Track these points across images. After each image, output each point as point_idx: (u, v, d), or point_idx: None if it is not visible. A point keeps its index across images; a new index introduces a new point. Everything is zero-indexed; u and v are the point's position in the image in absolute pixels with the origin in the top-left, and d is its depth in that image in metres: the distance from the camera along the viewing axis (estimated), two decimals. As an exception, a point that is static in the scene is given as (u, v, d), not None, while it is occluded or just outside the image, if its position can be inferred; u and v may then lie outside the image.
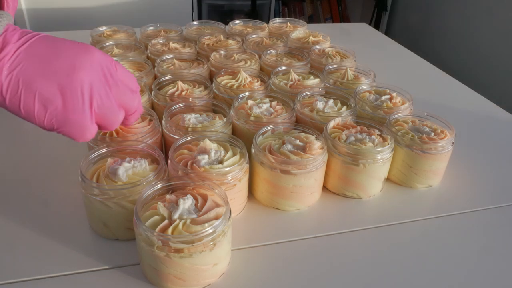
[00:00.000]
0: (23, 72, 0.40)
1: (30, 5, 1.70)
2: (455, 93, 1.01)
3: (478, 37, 2.01)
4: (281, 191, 0.58)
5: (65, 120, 0.43)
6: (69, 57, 0.43)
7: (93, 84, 0.43)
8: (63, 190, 0.61)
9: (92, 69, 0.43)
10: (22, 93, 0.40)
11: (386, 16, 2.62)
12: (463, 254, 0.54)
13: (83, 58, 0.43)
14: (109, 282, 0.48)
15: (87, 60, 0.43)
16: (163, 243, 0.43)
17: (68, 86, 0.42)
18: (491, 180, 0.69)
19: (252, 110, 0.68)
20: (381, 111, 0.71)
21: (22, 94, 0.40)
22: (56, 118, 0.42)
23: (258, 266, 0.51)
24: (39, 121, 0.42)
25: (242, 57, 0.90)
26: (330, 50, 0.95)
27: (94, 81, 0.43)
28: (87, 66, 0.43)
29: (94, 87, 0.43)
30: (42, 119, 0.42)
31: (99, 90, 0.44)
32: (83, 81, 0.42)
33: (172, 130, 0.62)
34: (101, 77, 0.44)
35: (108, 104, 0.45)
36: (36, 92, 0.41)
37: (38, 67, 0.41)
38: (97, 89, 0.44)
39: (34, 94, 0.41)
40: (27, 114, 0.42)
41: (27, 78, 0.40)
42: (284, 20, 1.17)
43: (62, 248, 0.51)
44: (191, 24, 1.10)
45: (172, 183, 0.51)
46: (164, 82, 0.77)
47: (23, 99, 0.41)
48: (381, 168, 0.61)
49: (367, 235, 0.57)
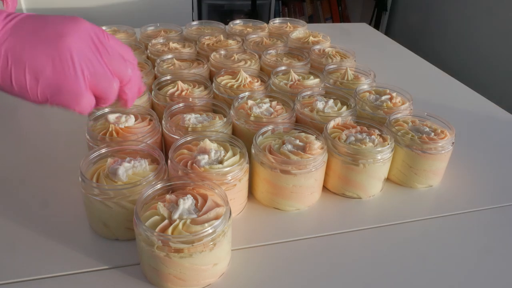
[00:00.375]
0: (10, 47, 0.40)
1: (30, 5, 1.70)
2: (455, 93, 1.01)
3: (478, 37, 2.01)
4: (281, 191, 0.58)
5: (58, 88, 0.42)
6: (55, 27, 0.43)
7: (82, 51, 0.43)
8: (63, 190, 0.61)
9: (80, 37, 0.43)
10: (12, 68, 0.41)
11: (386, 16, 2.62)
12: (463, 254, 0.54)
13: (69, 26, 0.43)
14: (109, 282, 0.48)
15: (74, 28, 0.43)
16: (163, 243, 0.43)
17: (56, 53, 0.42)
18: (491, 180, 0.69)
19: (252, 110, 0.68)
20: (381, 111, 0.71)
21: (12, 68, 0.41)
22: (48, 87, 0.42)
23: (258, 266, 0.51)
24: (32, 94, 0.42)
25: (242, 57, 0.90)
26: (330, 50, 0.95)
27: (83, 48, 0.43)
28: (74, 34, 0.43)
29: (83, 53, 0.43)
30: (35, 91, 0.42)
31: (89, 57, 0.43)
32: (71, 48, 0.42)
33: (172, 130, 0.62)
34: (90, 44, 0.44)
35: (100, 71, 0.44)
36: (25, 64, 0.41)
37: (25, 40, 0.41)
38: (86, 55, 0.43)
39: (23, 66, 0.41)
40: (19, 89, 0.41)
41: (15, 51, 0.41)
42: (284, 20, 1.17)
43: (62, 248, 0.51)
44: (191, 24, 1.10)
45: (172, 183, 0.51)
46: (164, 82, 0.77)
47: (13, 73, 0.41)
48: (381, 168, 0.61)
49: (367, 235, 0.57)
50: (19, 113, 0.81)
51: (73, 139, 0.72)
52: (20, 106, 0.82)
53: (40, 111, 0.81)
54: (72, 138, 0.72)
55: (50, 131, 0.76)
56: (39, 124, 0.78)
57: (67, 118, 0.78)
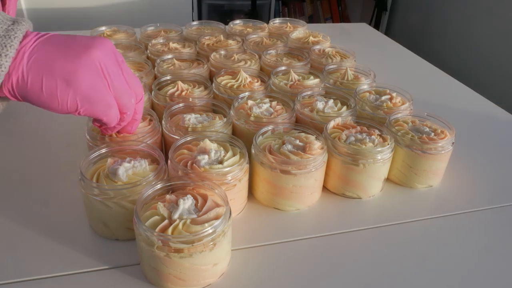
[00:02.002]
0: (43, 55, 0.42)
1: (30, 5, 1.70)
2: (455, 93, 1.01)
3: (478, 37, 2.01)
4: (281, 191, 0.58)
5: (88, 96, 0.44)
6: (84, 40, 0.45)
7: (108, 63, 0.45)
8: (63, 190, 0.61)
9: (106, 50, 0.46)
10: (43, 75, 0.42)
11: (386, 16, 2.62)
12: (463, 254, 0.54)
13: (96, 41, 0.46)
14: (109, 282, 0.48)
15: (101, 43, 0.46)
16: (163, 243, 0.43)
17: (87, 62, 0.44)
18: (491, 180, 0.69)
19: (252, 110, 0.68)
20: (381, 111, 0.71)
21: (43, 75, 0.42)
22: (79, 95, 0.44)
23: (258, 266, 0.51)
24: (63, 101, 0.43)
25: (242, 57, 0.90)
26: (330, 50, 0.95)
27: (109, 61, 0.46)
28: (101, 47, 0.45)
29: (109, 66, 0.45)
30: (65, 98, 0.43)
31: (114, 70, 0.46)
32: (100, 58, 0.44)
33: (172, 130, 0.62)
34: (113, 59, 0.47)
35: (123, 84, 0.48)
36: (57, 72, 0.42)
37: (57, 50, 0.43)
38: (112, 68, 0.46)
39: (55, 74, 0.42)
40: (49, 96, 0.43)
41: (47, 60, 0.42)
42: (284, 20, 1.17)
43: (62, 248, 0.51)
44: (191, 24, 1.10)
45: (172, 183, 0.51)
46: (164, 82, 0.77)
47: (45, 80, 0.42)
48: (381, 168, 0.61)
49: (367, 235, 0.57)
50: (19, 113, 0.81)
51: (73, 139, 0.72)
52: (20, 107, 0.82)
53: (40, 111, 0.81)
54: (72, 138, 0.72)
55: (50, 131, 0.76)
56: (39, 124, 0.78)
57: (67, 118, 0.78)
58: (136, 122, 0.54)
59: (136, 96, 0.51)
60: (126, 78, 0.48)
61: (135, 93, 0.51)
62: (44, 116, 0.80)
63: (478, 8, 2.00)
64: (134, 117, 0.53)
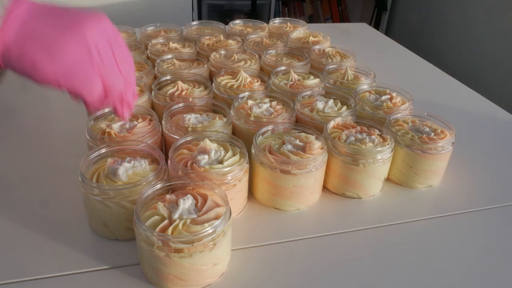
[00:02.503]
0: (31, 21, 0.41)
1: (30, 5, 1.69)
2: (455, 93, 1.01)
3: (478, 37, 2.01)
4: (281, 191, 0.58)
5: (72, 71, 0.43)
6: (79, 15, 0.44)
7: (99, 42, 0.44)
8: (63, 190, 0.61)
9: (98, 28, 0.44)
10: (28, 42, 0.41)
11: (386, 16, 2.62)
12: (463, 254, 0.54)
13: (92, 18, 0.45)
14: (109, 282, 0.48)
15: (96, 21, 0.45)
16: (163, 243, 0.43)
17: (75, 38, 0.42)
18: (491, 180, 0.69)
19: (252, 110, 0.68)
20: (381, 111, 0.71)
21: (28, 42, 0.41)
22: (62, 69, 0.42)
23: (258, 266, 0.51)
24: (45, 73, 0.42)
25: (242, 57, 0.90)
26: (330, 50, 0.95)
27: (100, 40, 0.44)
28: (95, 25, 0.44)
29: (99, 43, 0.44)
30: (48, 69, 0.42)
31: (104, 50, 0.45)
32: (90, 35, 0.43)
33: (172, 130, 0.62)
34: (106, 39, 0.45)
35: (110, 62, 0.46)
36: (41, 42, 0.41)
37: (47, 20, 0.42)
38: (102, 47, 0.44)
39: (39, 42, 0.41)
40: (33, 64, 0.42)
41: (36, 28, 0.41)
42: (284, 20, 1.17)
43: (62, 248, 0.51)
44: (191, 24, 1.10)
45: (172, 183, 0.51)
46: (164, 82, 0.77)
47: (29, 47, 0.41)
48: (381, 168, 0.61)
49: (367, 235, 0.57)
50: (19, 113, 0.81)
51: (73, 139, 0.72)
52: (21, 106, 0.82)
53: (40, 111, 0.81)
54: (72, 138, 0.72)
55: (50, 131, 0.76)
56: (39, 124, 0.78)
57: (67, 118, 0.78)
58: (129, 107, 0.52)
59: (126, 79, 0.49)
60: (115, 59, 0.47)
61: (124, 76, 0.49)
62: (44, 115, 0.80)
63: (478, 8, 2.00)
64: (127, 101, 0.51)
